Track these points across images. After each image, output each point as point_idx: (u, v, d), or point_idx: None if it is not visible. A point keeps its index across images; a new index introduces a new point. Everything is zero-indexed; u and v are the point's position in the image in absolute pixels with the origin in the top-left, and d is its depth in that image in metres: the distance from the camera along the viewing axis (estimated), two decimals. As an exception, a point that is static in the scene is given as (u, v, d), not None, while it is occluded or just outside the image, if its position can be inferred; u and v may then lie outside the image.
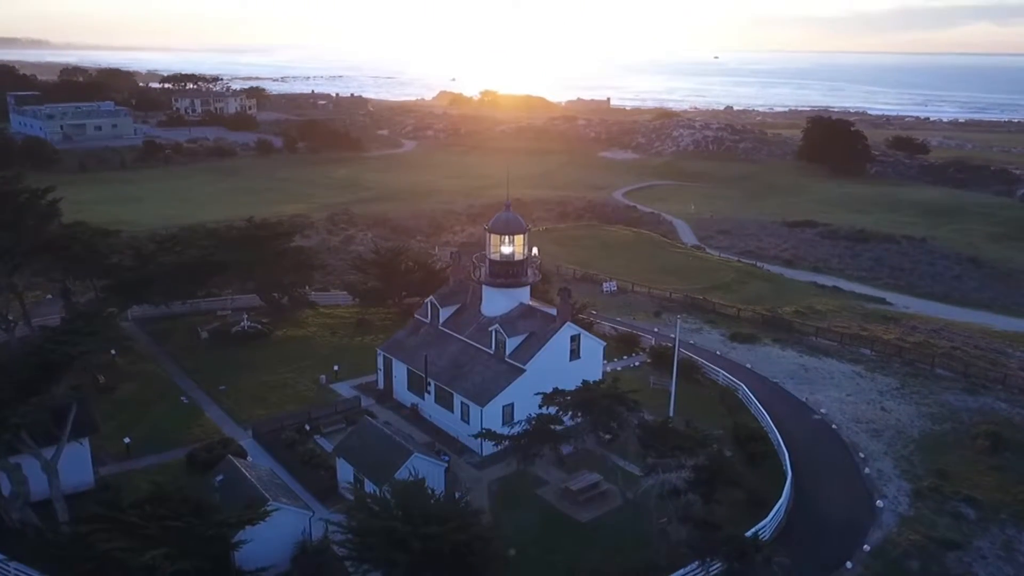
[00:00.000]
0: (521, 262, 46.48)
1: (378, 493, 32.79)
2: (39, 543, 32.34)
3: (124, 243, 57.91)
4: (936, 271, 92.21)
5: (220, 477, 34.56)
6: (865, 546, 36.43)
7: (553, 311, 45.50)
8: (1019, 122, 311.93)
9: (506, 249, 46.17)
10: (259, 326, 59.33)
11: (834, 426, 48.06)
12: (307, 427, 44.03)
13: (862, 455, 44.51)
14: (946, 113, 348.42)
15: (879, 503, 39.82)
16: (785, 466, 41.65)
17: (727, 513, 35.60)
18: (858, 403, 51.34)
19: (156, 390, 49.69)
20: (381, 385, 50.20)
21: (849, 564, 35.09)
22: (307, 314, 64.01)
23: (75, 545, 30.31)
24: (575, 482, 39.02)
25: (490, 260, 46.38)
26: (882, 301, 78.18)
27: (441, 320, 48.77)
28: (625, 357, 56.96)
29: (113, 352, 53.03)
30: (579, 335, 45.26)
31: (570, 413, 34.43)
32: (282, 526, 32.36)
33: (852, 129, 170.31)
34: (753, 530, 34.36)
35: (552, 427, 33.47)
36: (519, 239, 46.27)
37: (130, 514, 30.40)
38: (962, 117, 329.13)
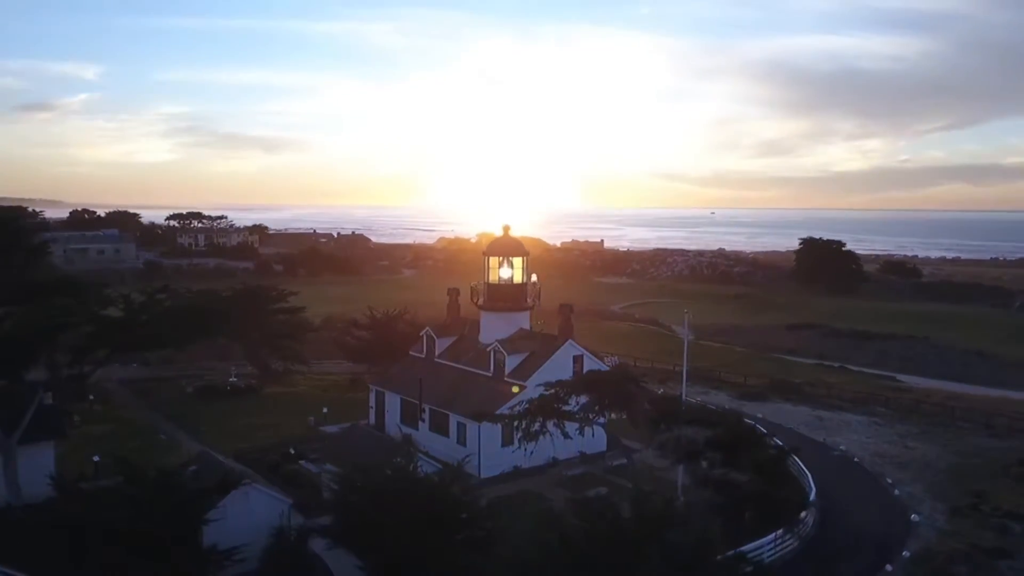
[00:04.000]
0: (521, 285, 45.31)
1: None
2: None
3: (114, 294, 56.61)
4: (944, 360, 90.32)
5: (193, 468, 31.61)
6: (905, 552, 32.92)
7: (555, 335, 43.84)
8: (1004, 259, 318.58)
9: (504, 272, 45.12)
10: (249, 383, 57.12)
11: (856, 459, 45.02)
12: (292, 451, 41.06)
13: (890, 480, 41.33)
14: (933, 253, 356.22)
15: (914, 517, 36.46)
16: (808, 484, 38.44)
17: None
18: (879, 443, 48.45)
19: (133, 429, 46.92)
20: (373, 421, 47.42)
21: (889, 567, 31.55)
22: (299, 378, 61.99)
23: (27, 521, 27.24)
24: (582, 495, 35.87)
25: (488, 284, 45.21)
26: (892, 379, 75.90)
27: (437, 352, 46.82)
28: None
29: (91, 396, 50.67)
30: (582, 355, 43.24)
31: (575, 398, 32.17)
32: (257, 510, 29.21)
33: (843, 250, 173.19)
34: (779, 531, 31.19)
35: (556, 405, 31.05)
36: (518, 262, 45.35)
37: (88, 485, 27.62)
38: (949, 255, 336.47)
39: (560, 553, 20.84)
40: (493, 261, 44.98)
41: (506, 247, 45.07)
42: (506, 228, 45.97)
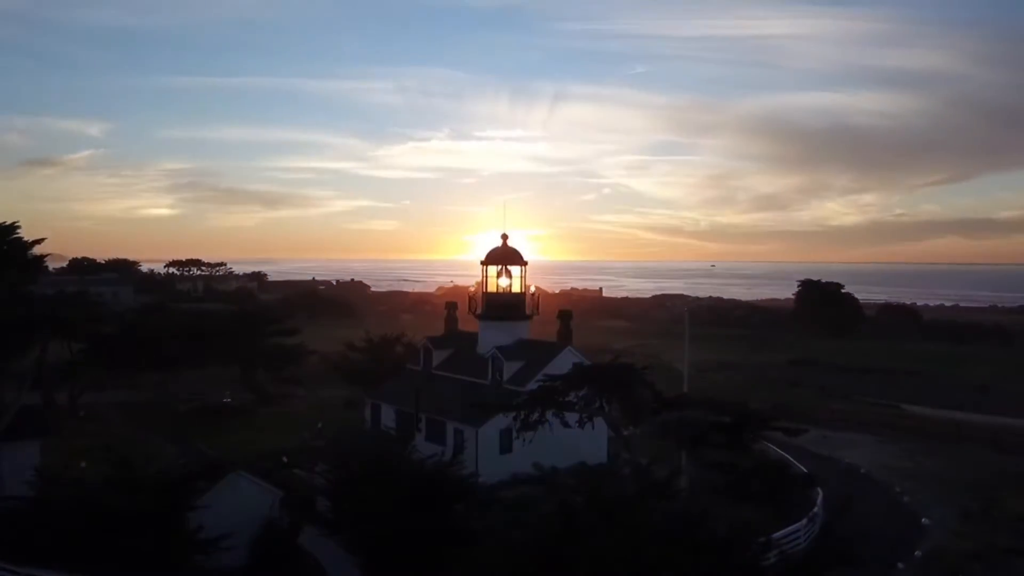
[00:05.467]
0: (519, 295, 44.93)
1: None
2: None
3: (108, 311, 56.35)
4: (947, 392, 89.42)
5: (183, 462, 30.83)
6: (916, 552, 31.90)
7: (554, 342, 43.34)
8: (1003, 307, 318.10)
9: (503, 282, 44.79)
10: (244, 404, 56.38)
11: (863, 470, 44.08)
12: (285, 459, 40.15)
13: (898, 489, 40.37)
14: (931, 302, 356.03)
15: (925, 521, 35.51)
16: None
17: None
18: (886, 457, 47.63)
19: (125, 442, 45.80)
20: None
21: (901, 566, 30.50)
22: (294, 400, 61.29)
23: (10, 510, 26.32)
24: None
25: (486, 294, 44.84)
26: (895, 407, 74.96)
27: (435, 363, 46.18)
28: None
29: (82, 413, 49.84)
30: (582, 362, 42.52)
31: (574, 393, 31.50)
32: (246, 500, 28.39)
33: (843, 292, 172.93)
34: (790, 529, 30.28)
35: (555, 397, 30.39)
36: (516, 271, 45.04)
37: (74, 470, 26.83)
38: (948, 303, 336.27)
39: (559, 520, 20.03)
40: (491, 270, 44.69)
41: (504, 256, 44.82)
42: (504, 237, 45.77)
